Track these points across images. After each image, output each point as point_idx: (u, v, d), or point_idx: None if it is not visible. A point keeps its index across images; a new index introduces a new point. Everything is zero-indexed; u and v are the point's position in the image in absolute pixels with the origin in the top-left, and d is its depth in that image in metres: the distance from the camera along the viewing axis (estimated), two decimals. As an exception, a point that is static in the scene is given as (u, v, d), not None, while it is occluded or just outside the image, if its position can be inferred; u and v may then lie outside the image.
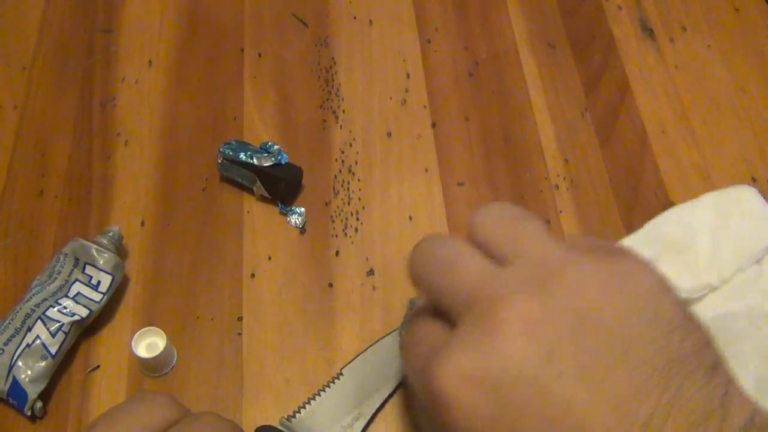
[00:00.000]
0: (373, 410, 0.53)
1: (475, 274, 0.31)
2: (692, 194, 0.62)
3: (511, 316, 0.29)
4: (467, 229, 0.35)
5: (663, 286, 0.30)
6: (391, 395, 0.54)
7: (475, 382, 0.28)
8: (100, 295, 0.56)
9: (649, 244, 0.56)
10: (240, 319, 0.57)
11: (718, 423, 0.27)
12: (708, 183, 0.63)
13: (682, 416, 0.26)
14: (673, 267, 0.50)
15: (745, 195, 0.58)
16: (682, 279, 0.51)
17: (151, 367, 0.55)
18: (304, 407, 0.52)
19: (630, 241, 0.58)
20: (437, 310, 0.34)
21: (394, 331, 0.55)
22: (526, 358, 0.28)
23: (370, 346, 0.55)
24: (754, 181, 0.63)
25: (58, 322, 0.54)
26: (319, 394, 0.52)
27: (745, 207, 0.57)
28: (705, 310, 0.50)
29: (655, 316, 0.29)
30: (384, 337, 0.55)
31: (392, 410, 0.53)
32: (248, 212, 0.62)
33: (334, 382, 0.53)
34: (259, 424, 0.52)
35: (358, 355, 0.55)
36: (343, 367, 0.54)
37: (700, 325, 0.30)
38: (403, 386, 0.53)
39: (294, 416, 0.51)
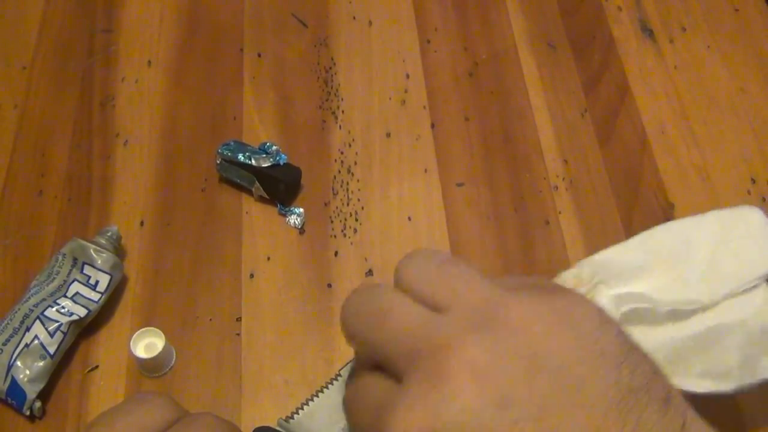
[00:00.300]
0: None
1: (413, 323, 0.30)
2: (692, 194, 0.63)
3: (459, 364, 0.28)
4: (395, 279, 0.33)
5: (603, 320, 0.29)
6: (389, 396, 0.53)
7: None
8: (99, 295, 0.56)
9: (642, 251, 0.55)
10: (239, 319, 0.57)
11: None
12: (708, 183, 0.63)
13: None
14: (663, 277, 0.49)
15: (753, 216, 0.57)
16: (670, 289, 0.50)
17: (150, 368, 0.55)
18: (302, 408, 0.52)
19: (622, 247, 0.58)
20: (376, 364, 0.32)
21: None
22: (479, 407, 0.27)
23: None
24: (753, 182, 0.63)
25: (57, 322, 0.54)
26: (317, 395, 0.52)
27: (750, 229, 0.56)
28: (694, 325, 0.49)
29: (602, 351, 0.28)
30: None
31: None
32: (247, 213, 0.62)
33: (332, 383, 0.53)
34: (258, 425, 0.51)
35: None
36: (342, 368, 0.54)
37: (646, 356, 0.29)
38: None
39: (292, 417, 0.51)
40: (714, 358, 0.47)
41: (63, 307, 0.54)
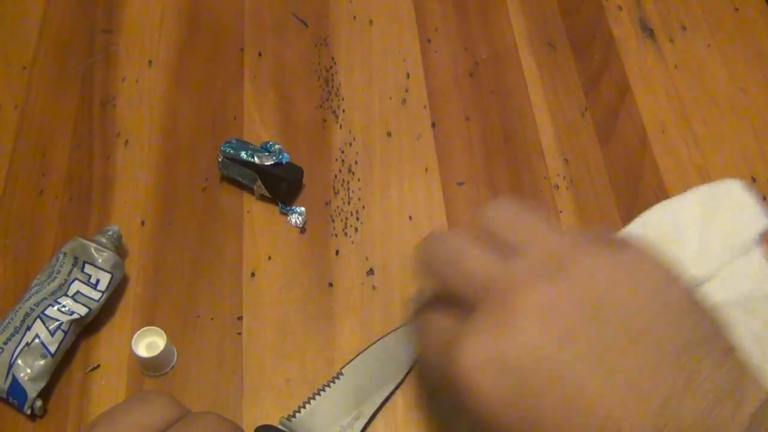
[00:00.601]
0: (373, 410, 0.53)
1: (487, 264, 0.32)
2: (692, 194, 0.63)
3: (527, 302, 0.30)
4: (474, 222, 0.36)
5: (671, 276, 0.31)
6: (390, 395, 0.54)
7: (495, 366, 0.29)
8: (99, 294, 0.56)
9: (640, 235, 0.56)
10: (240, 318, 0.57)
11: (734, 405, 0.27)
12: (708, 182, 0.63)
13: (698, 397, 0.27)
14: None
15: (733, 188, 0.59)
16: None
17: (151, 367, 0.54)
18: (304, 407, 0.52)
19: (626, 232, 0.59)
20: (448, 299, 0.34)
21: (394, 330, 0.55)
22: (542, 343, 0.29)
23: (370, 345, 0.55)
24: (754, 181, 0.63)
25: (57, 320, 0.54)
26: (318, 394, 0.52)
27: (733, 200, 0.57)
28: None
29: (665, 304, 0.30)
30: (384, 336, 0.55)
31: (392, 410, 0.53)
32: (248, 212, 0.62)
33: (334, 382, 0.53)
34: (259, 424, 0.52)
35: (357, 355, 0.54)
36: (343, 367, 0.54)
37: (711, 313, 0.30)
38: (416, 375, 0.53)
39: (294, 416, 0.51)
40: None
41: (64, 306, 0.54)
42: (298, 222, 0.61)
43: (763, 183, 0.63)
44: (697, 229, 0.54)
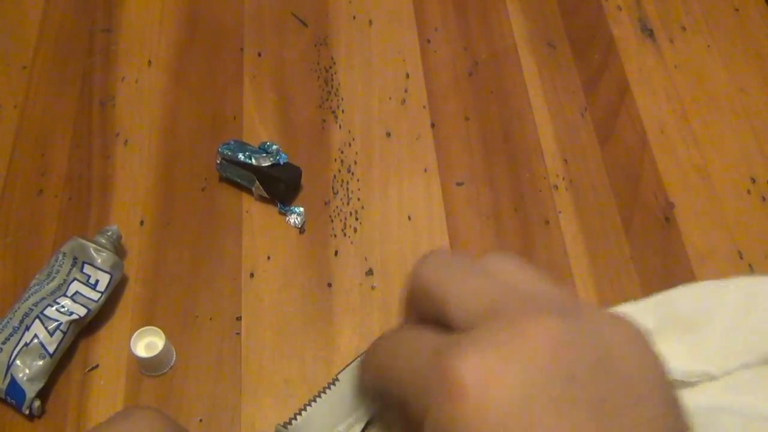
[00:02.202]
0: (369, 415, 0.52)
1: (495, 288, 0.31)
2: (692, 194, 0.63)
3: (539, 331, 0.29)
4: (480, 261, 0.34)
5: (663, 362, 0.31)
6: (389, 395, 0.53)
7: (496, 383, 0.28)
8: (98, 294, 0.56)
9: (655, 314, 0.54)
10: (239, 318, 0.57)
11: None
12: (708, 183, 0.63)
13: None
14: (674, 345, 0.48)
15: None
16: (680, 360, 0.49)
17: (150, 367, 0.55)
18: (300, 414, 0.52)
19: (634, 308, 0.56)
20: (428, 321, 0.33)
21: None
22: (549, 375, 0.28)
23: (366, 350, 0.54)
24: (753, 182, 0.63)
25: (56, 321, 0.54)
26: (315, 400, 0.52)
27: None
28: (698, 397, 0.48)
29: (661, 385, 0.29)
30: (382, 337, 0.55)
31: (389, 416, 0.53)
32: (247, 212, 0.62)
33: (330, 388, 0.53)
34: (257, 424, 0.52)
35: (353, 360, 0.54)
36: (339, 372, 0.54)
37: (686, 416, 0.30)
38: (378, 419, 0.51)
39: (290, 423, 0.51)
40: None
41: (63, 306, 0.54)
42: (297, 222, 0.61)
43: (762, 183, 0.63)
44: (726, 322, 0.52)
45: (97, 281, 0.56)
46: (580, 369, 0.27)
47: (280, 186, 0.61)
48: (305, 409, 0.51)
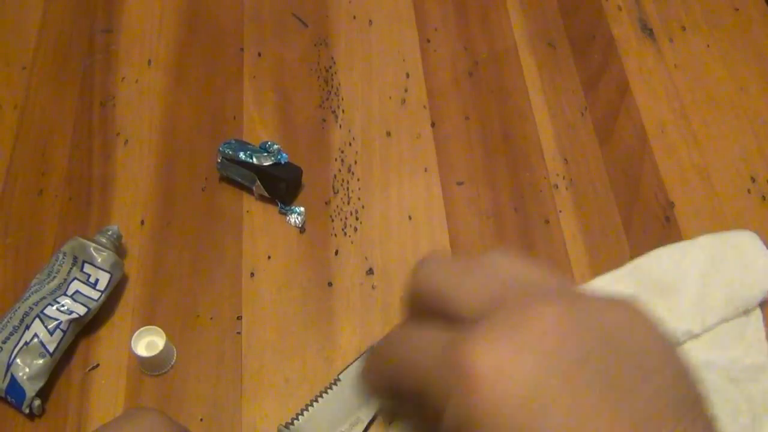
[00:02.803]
0: (371, 415, 0.52)
1: (497, 282, 0.31)
2: (692, 193, 0.63)
3: (546, 316, 0.29)
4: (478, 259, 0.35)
5: (668, 335, 0.31)
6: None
7: (509, 372, 0.28)
8: (99, 294, 0.56)
9: (631, 281, 0.54)
10: (239, 318, 0.57)
11: None
12: (708, 182, 0.63)
13: None
14: (656, 308, 0.49)
15: (746, 241, 0.56)
16: (662, 320, 0.50)
17: (151, 366, 0.54)
18: (302, 414, 0.52)
19: (611, 277, 0.56)
20: (431, 317, 0.33)
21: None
22: (560, 358, 0.28)
23: (367, 350, 0.55)
24: (753, 181, 0.63)
25: (56, 320, 0.53)
26: (316, 400, 0.52)
27: (743, 254, 0.55)
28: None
29: (668, 357, 0.30)
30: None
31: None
32: (248, 211, 0.62)
33: (331, 388, 0.53)
34: (258, 422, 0.51)
35: (354, 360, 0.54)
36: (340, 373, 0.54)
37: (699, 380, 0.31)
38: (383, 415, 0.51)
39: (292, 423, 0.51)
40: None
41: (63, 306, 0.54)
42: (297, 222, 0.61)
43: (762, 183, 0.63)
44: (698, 280, 0.53)
45: (97, 280, 0.56)
46: (589, 349, 0.28)
47: (281, 185, 0.61)
48: (307, 410, 0.51)
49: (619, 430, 0.27)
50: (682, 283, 0.53)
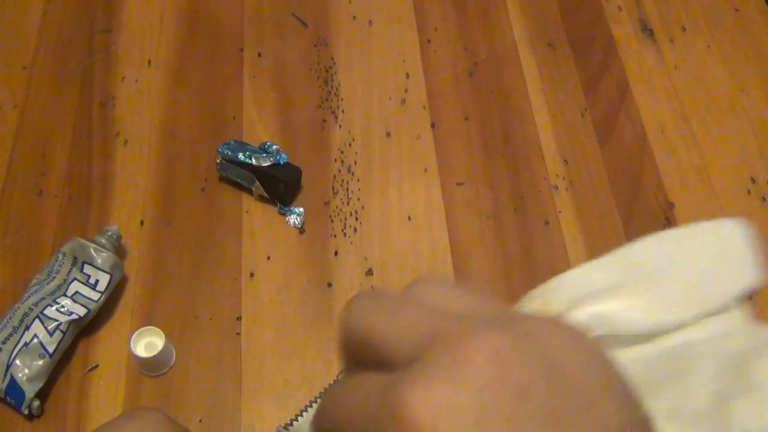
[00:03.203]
0: None
1: (430, 315, 0.29)
2: (692, 194, 0.63)
3: (481, 349, 0.28)
4: (406, 291, 0.34)
5: (610, 359, 0.30)
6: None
7: (449, 412, 0.27)
8: (98, 294, 0.56)
9: (616, 269, 0.54)
10: (239, 318, 0.57)
11: None
12: (708, 183, 0.63)
13: None
14: (638, 298, 0.49)
15: (733, 231, 0.56)
16: (645, 310, 0.50)
17: (150, 367, 0.54)
18: (301, 415, 0.52)
19: (595, 265, 0.56)
20: (369, 367, 0.32)
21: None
22: (499, 392, 0.27)
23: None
24: (753, 182, 0.63)
25: (56, 320, 0.53)
26: (316, 401, 0.52)
27: (729, 245, 0.55)
28: (675, 338, 0.49)
29: (610, 381, 0.29)
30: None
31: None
32: (247, 212, 0.62)
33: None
34: (257, 423, 0.51)
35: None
36: (340, 374, 0.54)
37: (641, 402, 0.30)
38: None
39: (291, 424, 0.51)
40: (683, 390, 0.46)
41: (62, 306, 0.54)
42: (296, 222, 0.61)
43: (762, 183, 0.63)
44: (685, 271, 0.52)
45: (97, 281, 0.56)
46: (529, 381, 0.27)
47: (280, 186, 0.61)
48: (306, 411, 0.51)
49: None
50: (668, 273, 0.53)
